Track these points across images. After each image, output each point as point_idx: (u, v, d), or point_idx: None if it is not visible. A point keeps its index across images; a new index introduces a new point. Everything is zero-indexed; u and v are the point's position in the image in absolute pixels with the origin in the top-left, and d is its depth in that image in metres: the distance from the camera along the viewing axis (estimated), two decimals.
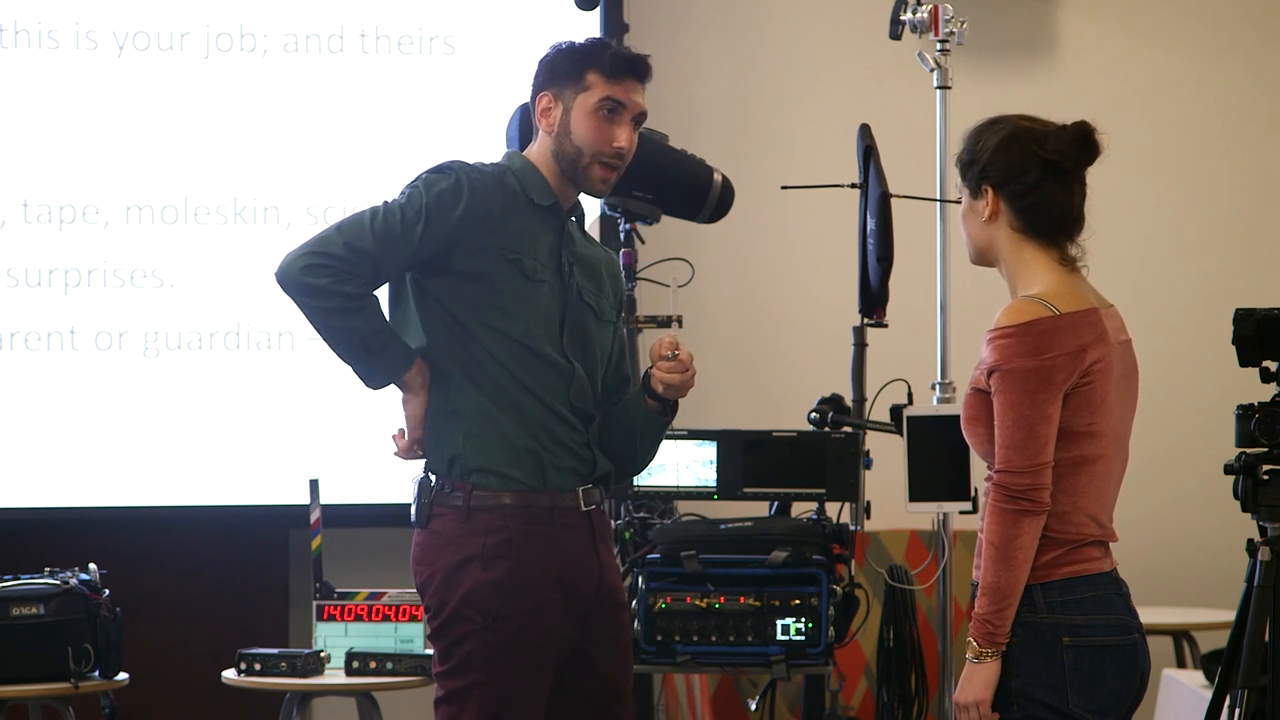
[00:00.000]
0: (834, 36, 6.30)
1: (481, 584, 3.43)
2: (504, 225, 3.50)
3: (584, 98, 3.53)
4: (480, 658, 3.42)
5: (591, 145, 3.53)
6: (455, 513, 3.47)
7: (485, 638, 3.42)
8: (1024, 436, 3.12)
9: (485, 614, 3.42)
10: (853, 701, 5.56)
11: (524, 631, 3.43)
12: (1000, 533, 3.13)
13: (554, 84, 3.56)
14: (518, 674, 3.43)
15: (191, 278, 5.70)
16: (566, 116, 3.54)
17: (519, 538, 3.44)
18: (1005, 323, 3.16)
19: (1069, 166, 3.23)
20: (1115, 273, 4.57)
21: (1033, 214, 3.23)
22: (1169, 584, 6.15)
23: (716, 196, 4.66)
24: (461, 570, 3.44)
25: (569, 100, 3.53)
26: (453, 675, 3.45)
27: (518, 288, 3.49)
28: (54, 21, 5.70)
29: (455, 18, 5.83)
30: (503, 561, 3.43)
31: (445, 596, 3.45)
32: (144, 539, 5.79)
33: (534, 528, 3.46)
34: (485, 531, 3.44)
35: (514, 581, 3.43)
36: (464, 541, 3.45)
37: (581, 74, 3.53)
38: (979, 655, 3.17)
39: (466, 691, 3.43)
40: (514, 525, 3.45)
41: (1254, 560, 3.70)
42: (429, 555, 3.49)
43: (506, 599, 3.42)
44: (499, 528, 3.45)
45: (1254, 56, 6.42)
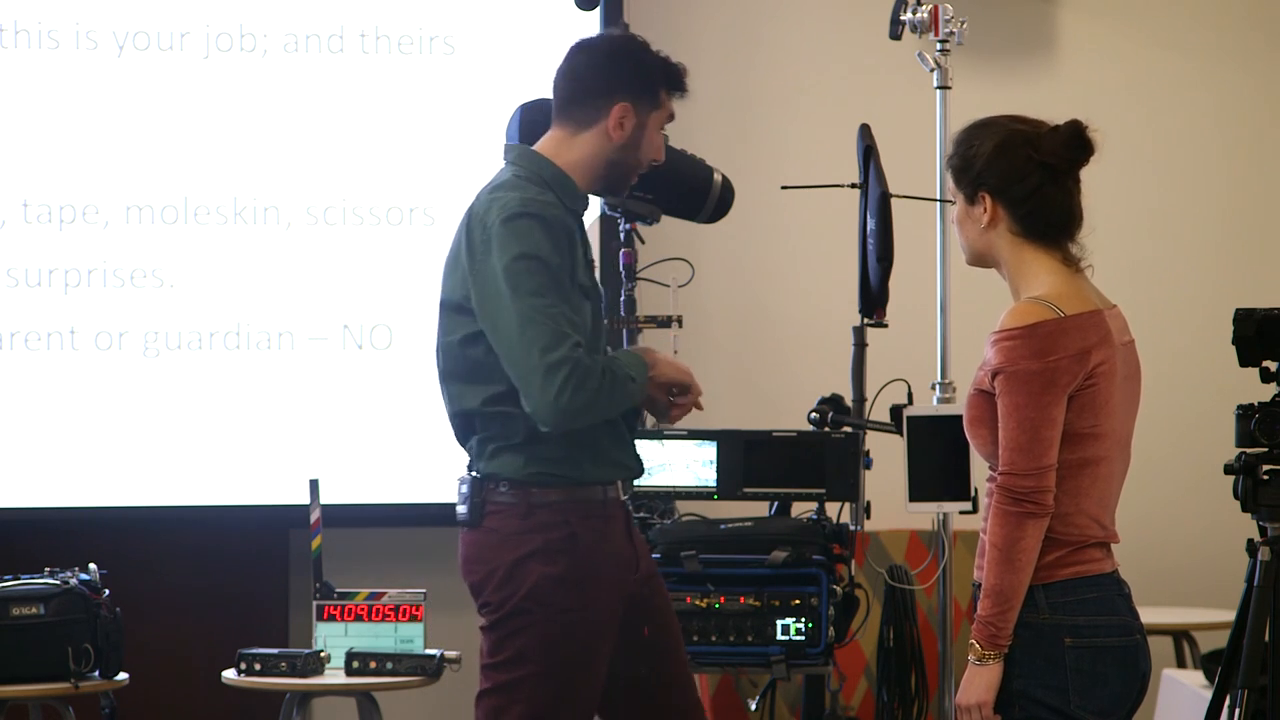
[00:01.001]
0: (834, 36, 6.30)
1: (545, 578, 3.47)
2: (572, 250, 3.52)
3: (656, 115, 3.63)
4: (539, 650, 3.47)
5: (648, 159, 3.64)
6: (512, 509, 3.52)
7: (546, 630, 3.47)
8: (1028, 439, 3.12)
9: (547, 607, 3.46)
10: (853, 701, 5.56)
11: (582, 625, 3.49)
12: (1004, 535, 3.13)
13: (632, 96, 3.60)
14: (574, 666, 3.49)
15: (191, 278, 5.70)
16: (640, 131, 3.60)
17: (580, 532, 3.50)
18: (1010, 325, 3.16)
19: (1064, 167, 3.22)
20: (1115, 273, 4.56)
21: (1032, 218, 3.23)
22: (1169, 584, 6.15)
23: (716, 196, 4.66)
24: (523, 566, 3.48)
25: (644, 115, 3.61)
26: (505, 667, 3.49)
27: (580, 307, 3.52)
28: (54, 21, 5.69)
29: (455, 18, 5.82)
30: (564, 556, 3.48)
31: (507, 592, 3.49)
32: (144, 539, 5.79)
33: (590, 522, 3.51)
34: (545, 528, 3.49)
35: (575, 575, 3.49)
36: (524, 538, 3.50)
37: (657, 92, 3.63)
38: (981, 658, 3.16)
39: (519, 683, 3.48)
40: (573, 520, 3.50)
41: (1254, 560, 3.70)
42: (485, 553, 3.55)
43: (569, 593, 3.48)
44: (559, 523, 3.50)
45: (1254, 57, 6.42)
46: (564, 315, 3.42)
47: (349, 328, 5.74)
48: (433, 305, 5.75)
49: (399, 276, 5.75)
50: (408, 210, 5.78)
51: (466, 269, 3.51)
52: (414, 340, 5.74)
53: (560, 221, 3.49)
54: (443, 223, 5.77)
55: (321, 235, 5.74)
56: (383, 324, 5.75)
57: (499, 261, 3.43)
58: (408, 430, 5.72)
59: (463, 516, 3.62)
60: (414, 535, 5.99)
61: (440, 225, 5.77)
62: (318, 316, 5.73)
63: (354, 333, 5.74)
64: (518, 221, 3.45)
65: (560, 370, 3.37)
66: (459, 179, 5.77)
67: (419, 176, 5.78)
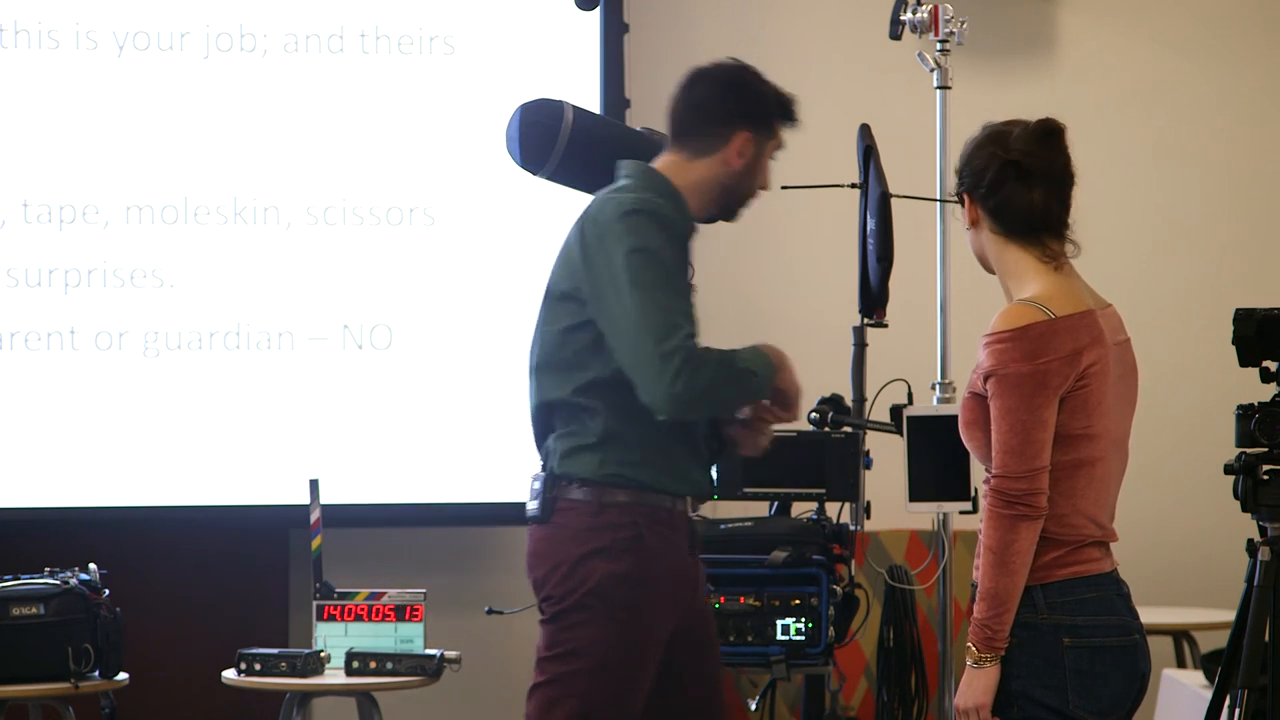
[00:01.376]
0: (834, 36, 6.30)
1: (609, 575, 3.50)
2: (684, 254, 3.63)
3: (770, 145, 3.70)
4: (596, 645, 3.50)
5: (759, 188, 3.73)
6: (583, 507, 3.55)
7: (604, 627, 3.50)
8: (1020, 441, 3.12)
9: (607, 604, 3.50)
10: (853, 701, 5.56)
11: (640, 625, 3.52)
12: (998, 538, 3.13)
13: (753, 126, 3.66)
14: (628, 665, 3.52)
15: (191, 278, 5.70)
16: (757, 161, 3.67)
17: (647, 535, 3.53)
18: (1000, 327, 3.16)
19: (1030, 164, 3.23)
20: (1115, 273, 4.58)
21: (999, 214, 3.25)
22: (1169, 584, 6.15)
23: None
24: (588, 561, 3.52)
25: (761, 145, 3.67)
26: (561, 660, 3.53)
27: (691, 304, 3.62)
28: (54, 21, 5.69)
29: (455, 18, 5.82)
30: (629, 555, 3.52)
31: (569, 586, 3.53)
32: (144, 539, 5.79)
33: (656, 528, 3.54)
34: (613, 527, 3.53)
35: (638, 575, 3.52)
36: (591, 535, 3.53)
37: (773, 124, 3.69)
38: (978, 660, 3.17)
39: (573, 677, 3.51)
40: (641, 523, 3.53)
41: (1254, 560, 3.70)
42: (552, 548, 3.58)
43: (630, 592, 3.51)
44: (627, 524, 3.53)
45: (1254, 56, 6.42)
46: (678, 308, 3.50)
47: (349, 328, 5.74)
48: (432, 305, 5.78)
49: (399, 276, 5.75)
50: (408, 210, 5.78)
51: (579, 261, 3.56)
52: (414, 340, 5.74)
53: (675, 223, 3.58)
54: (443, 223, 5.77)
55: (321, 235, 5.74)
56: (383, 324, 5.75)
57: (616, 254, 3.50)
58: (408, 430, 5.72)
59: (533, 513, 3.65)
60: (414, 535, 5.99)
61: (440, 225, 5.77)
62: (318, 316, 5.73)
63: (354, 333, 5.74)
64: (635, 217, 3.52)
65: (674, 358, 3.43)
66: (459, 179, 5.78)
67: (419, 176, 5.77)
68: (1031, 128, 3.25)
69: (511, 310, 5.76)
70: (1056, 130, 3.25)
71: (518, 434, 5.72)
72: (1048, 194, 3.23)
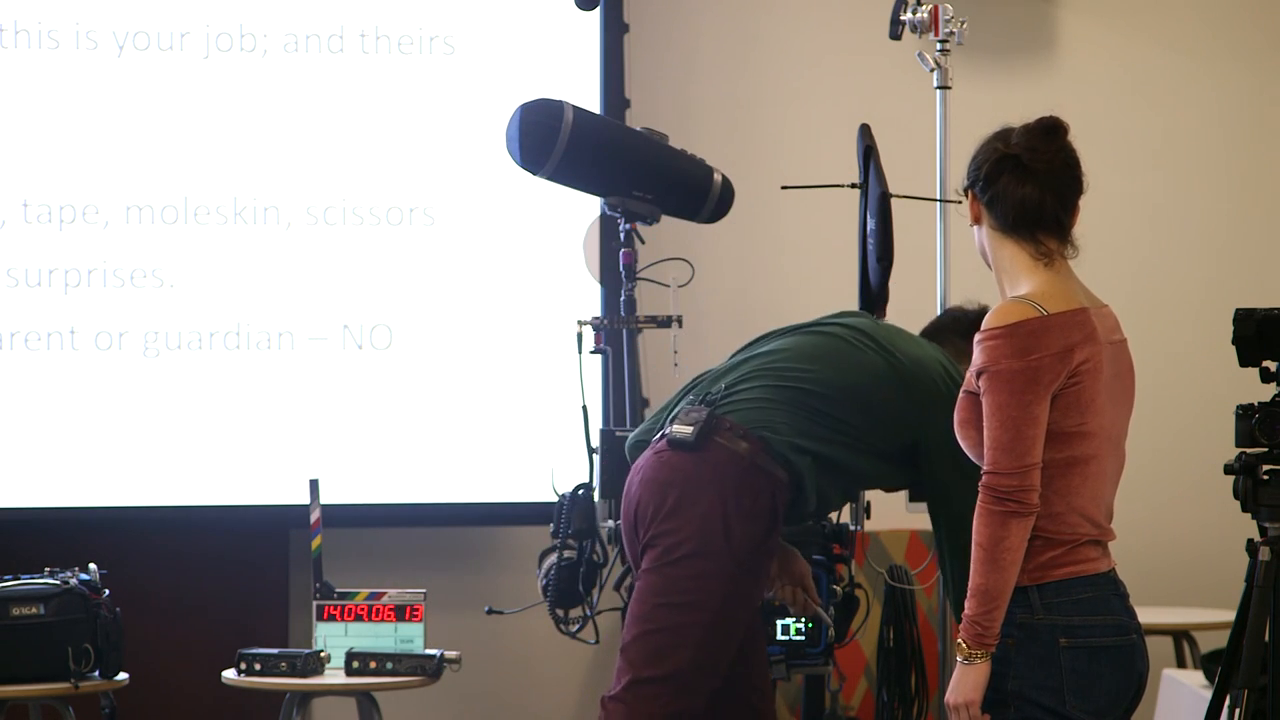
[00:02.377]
0: (834, 36, 6.30)
1: (746, 535, 3.63)
2: None
3: None
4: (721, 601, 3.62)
5: None
6: (737, 456, 3.66)
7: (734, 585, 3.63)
8: (1011, 438, 3.13)
9: (740, 564, 3.62)
10: (853, 701, 5.56)
11: (757, 590, 3.70)
12: (988, 534, 3.14)
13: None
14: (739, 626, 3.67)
15: (191, 278, 5.70)
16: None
17: (777, 507, 3.67)
18: (993, 324, 3.17)
19: (1028, 158, 3.23)
20: (1115, 272, 4.58)
21: (994, 208, 3.26)
22: (1169, 584, 6.15)
23: (716, 196, 4.66)
24: (727, 510, 3.62)
25: None
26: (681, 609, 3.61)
27: None
28: (54, 21, 5.69)
29: (455, 18, 5.82)
30: (765, 520, 3.65)
31: (707, 531, 3.61)
32: (144, 539, 5.79)
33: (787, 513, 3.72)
34: (758, 491, 3.65)
35: (768, 543, 3.67)
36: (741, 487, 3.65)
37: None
38: (969, 656, 3.17)
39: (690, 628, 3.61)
40: (778, 495, 3.67)
41: (1254, 560, 3.69)
42: (688, 478, 3.65)
43: (759, 560, 3.65)
44: (768, 490, 3.65)
45: (1254, 56, 6.42)
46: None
47: (349, 328, 5.74)
48: (432, 305, 5.78)
49: (399, 276, 5.75)
50: (408, 210, 5.77)
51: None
52: (414, 340, 5.74)
53: None
54: (443, 223, 5.77)
55: (321, 235, 5.74)
56: (383, 324, 5.75)
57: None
58: (408, 430, 5.72)
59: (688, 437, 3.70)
60: (414, 535, 5.99)
61: (440, 225, 5.77)
62: (318, 316, 5.73)
63: (354, 333, 5.74)
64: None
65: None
66: (459, 179, 5.78)
67: (419, 176, 5.77)
68: (1033, 124, 3.26)
69: (511, 310, 5.77)
70: (1058, 127, 3.25)
71: (518, 434, 5.75)
72: (1043, 190, 3.24)
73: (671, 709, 3.62)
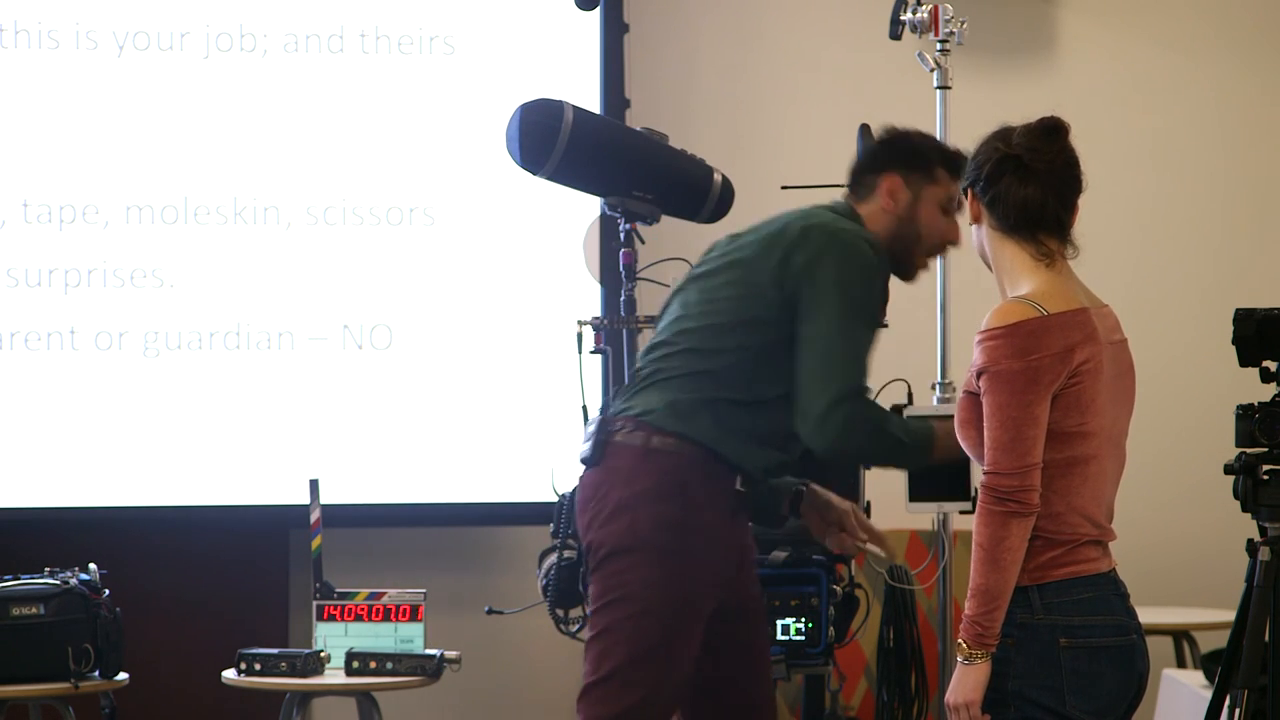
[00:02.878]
0: (834, 36, 6.30)
1: (653, 517, 3.59)
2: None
3: (931, 190, 3.77)
4: (643, 588, 3.57)
5: (934, 236, 3.79)
6: (632, 450, 3.63)
7: (651, 570, 3.58)
8: (1011, 438, 3.13)
9: (654, 547, 3.58)
10: (853, 701, 5.56)
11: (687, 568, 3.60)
12: (988, 534, 3.14)
13: (906, 168, 3.77)
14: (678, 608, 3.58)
15: (191, 278, 5.70)
16: (915, 204, 3.76)
17: (690, 482, 3.62)
18: (993, 324, 3.17)
19: (1030, 159, 3.23)
20: (1114, 272, 4.58)
21: (995, 208, 3.25)
22: (1169, 584, 6.15)
23: (716, 196, 4.65)
24: (633, 504, 3.60)
25: (918, 188, 3.76)
26: (612, 607, 3.59)
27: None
28: (54, 21, 5.69)
29: (455, 18, 5.82)
30: (675, 499, 3.60)
31: (613, 528, 3.60)
32: (144, 539, 5.79)
33: (709, 481, 3.64)
34: (660, 471, 3.61)
35: (685, 520, 3.60)
36: (637, 477, 3.62)
37: (931, 167, 3.77)
38: (969, 656, 3.17)
39: (624, 622, 3.57)
40: (686, 471, 3.62)
41: (1254, 560, 3.70)
42: (599, 491, 3.65)
43: (674, 535, 3.58)
44: (671, 469, 3.62)
45: (1254, 56, 6.42)
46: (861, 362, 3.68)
47: (349, 328, 5.74)
48: (432, 305, 5.78)
49: (399, 276, 5.75)
50: (408, 210, 5.78)
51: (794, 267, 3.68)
52: (414, 340, 5.74)
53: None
54: (443, 223, 5.77)
55: (321, 235, 5.74)
56: (383, 324, 5.75)
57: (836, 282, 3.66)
58: (408, 430, 5.72)
59: (585, 455, 3.73)
60: (414, 535, 5.99)
61: (440, 225, 5.77)
62: (318, 316, 5.73)
63: (354, 333, 5.74)
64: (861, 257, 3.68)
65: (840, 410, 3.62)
66: (459, 179, 5.78)
67: (419, 176, 5.77)
68: (1034, 124, 3.26)
69: (511, 310, 5.77)
70: (1060, 128, 3.25)
71: (518, 434, 5.75)
72: (1045, 190, 3.23)
73: (614, 710, 3.60)
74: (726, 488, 3.69)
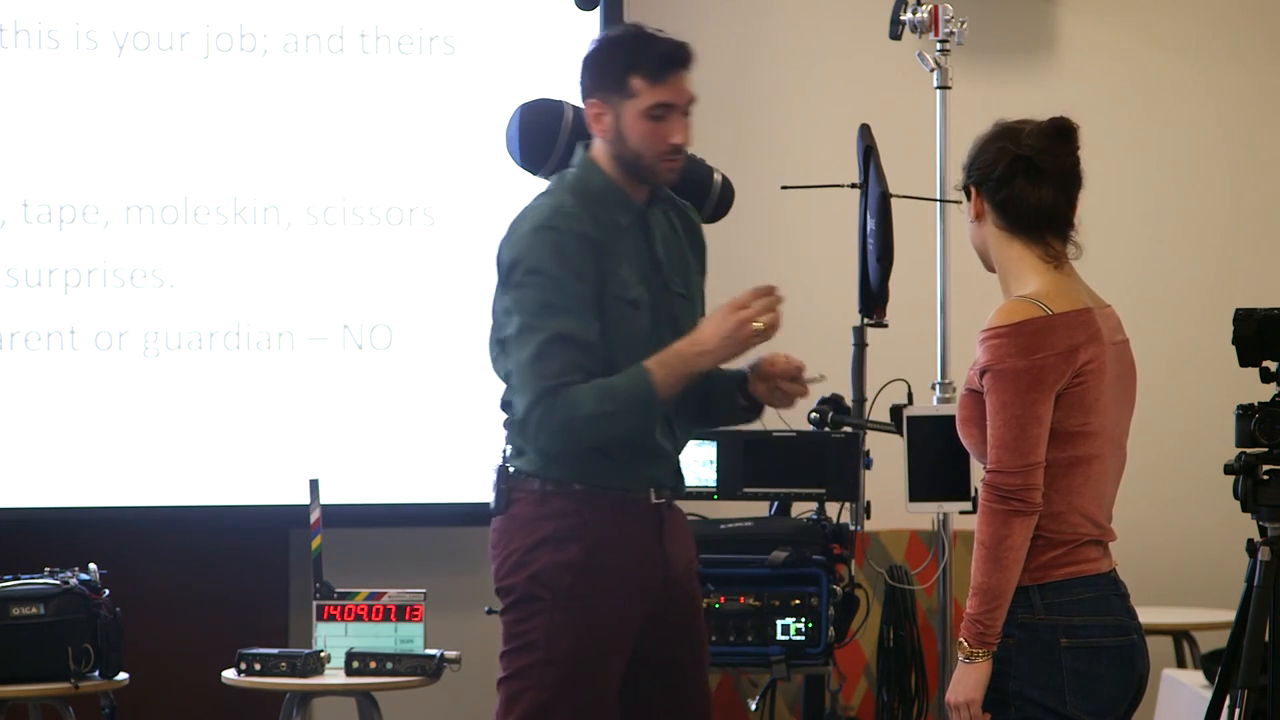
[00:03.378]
0: (834, 36, 6.30)
1: (554, 564, 3.49)
2: (613, 265, 3.55)
3: (631, 104, 3.57)
4: (546, 636, 3.49)
5: (650, 149, 3.57)
6: (531, 496, 3.53)
7: (554, 616, 3.48)
8: (1015, 436, 3.13)
9: (555, 592, 3.48)
10: (853, 701, 5.56)
11: (592, 612, 3.50)
12: (991, 533, 3.14)
13: (600, 90, 3.59)
14: (584, 654, 3.50)
15: (191, 278, 5.70)
16: (619, 123, 3.58)
17: (592, 521, 3.51)
18: (997, 323, 3.17)
19: (1041, 160, 3.22)
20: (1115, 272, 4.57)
21: (1005, 209, 3.24)
22: (1169, 584, 6.15)
23: (716, 196, 4.65)
24: (535, 551, 3.50)
25: (618, 106, 3.58)
26: (518, 654, 3.52)
27: (624, 322, 3.54)
28: (54, 21, 5.69)
29: (455, 18, 5.82)
30: (575, 543, 3.50)
31: (518, 577, 3.51)
32: (144, 539, 5.78)
33: (606, 514, 3.52)
34: (559, 515, 3.51)
35: (586, 562, 3.50)
36: (538, 524, 3.51)
37: (625, 80, 3.57)
38: (970, 655, 3.17)
39: (530, 669, 3.49)
40: (586, 510, 3.52)
41: (1254, 560, 3.70)
42: (505, 538, 3.56)
43: (577, 579, 3.49)
44: (572, 511, 3.51)
45: (1254, 56, 6.42)
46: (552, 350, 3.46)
47: (349, 328, 5.74)
48: (432, 305, 5.78)
49: (399, 276, 5.75)
50: (408, 210, 5.77)
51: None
52: (414, 340, 5.74)
53: (579, 234, 3.54)
54: (443, 223, 5.77)
55: (321, 235, 5.74)
56: (383, 324, 5.75)
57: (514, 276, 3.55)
58: (408, 430, 5.72)
59: (491, 504, 3.62)
60: (414, 535, 5.99)
61: (440, 225, 5.77)
62: (318, 316, 5.73)
63: (354, 333, 5.74)
64: (537, 234, 3.57)
65: (534, 411, 3.47)
66: (459, 179, 5.78)
67: (419, 176, 5.77)
68: (1044, 125, 3.24)
69: None
70: (1070, 129, 3.24)
71: None
72: (1056, 192, 3.23)
73: None
74: (635, 511, 3.57)
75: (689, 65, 3.62)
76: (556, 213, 3.56)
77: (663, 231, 3.66)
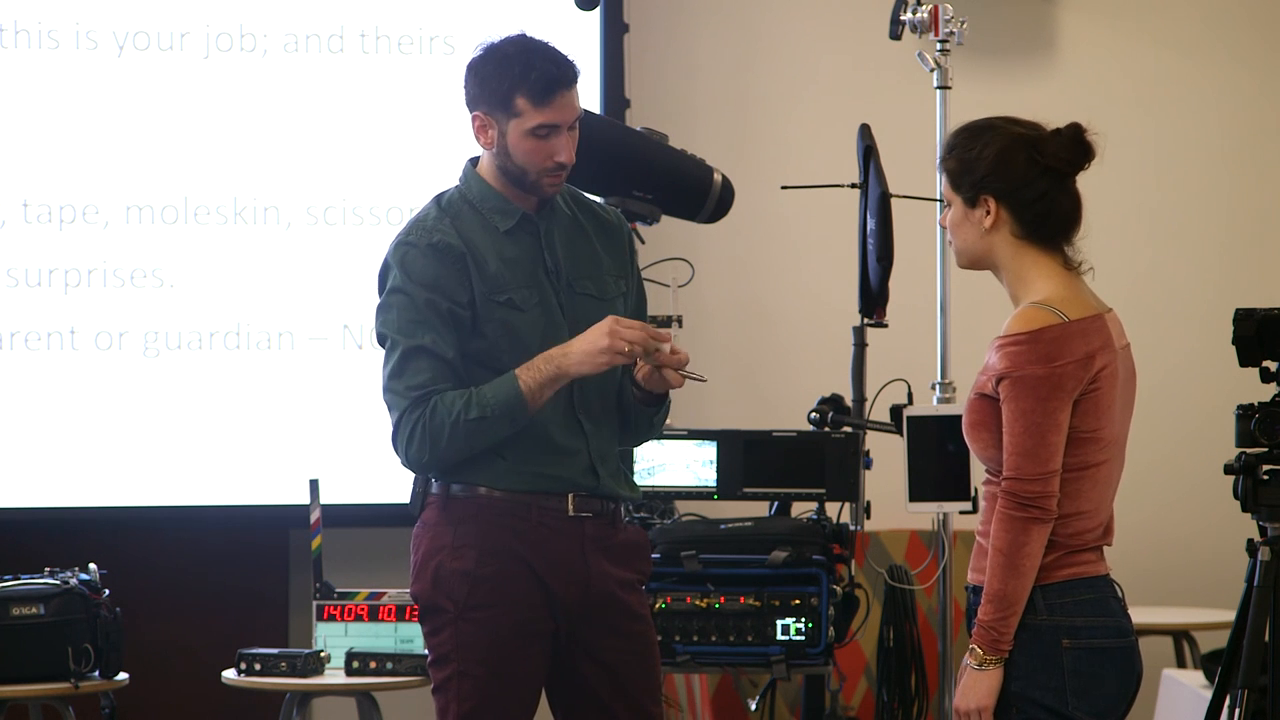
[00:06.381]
0: (834, 36, 6.30)
1: (451, 572, 3.44)
2: (483, 268, 3.49)
3: (516, 123, 3.55)
4: (456, 648, 3.44)
5: (534, 165, 3.53)
6: (436, 500, 3.49)
7: (459, 627, 3.43)
8: (1035, 444, 3.11)
9: (456, 603, 3.43)
10: (853, 701, 5.56)
11: (496, 622, 3.43)
12: (1008, 540, 3.12)
13: (484, 104, 3.59)
14: (495, 664, 3.43)
15: (191, 278, 5.70)
16: (503, 139, 3.55)
17: (490, 527, 3.44)
18: (1015, 330, 3.15)
19: (1067, 170, 3.22)
20: (1115, 273, 4.58)
21: (1038, 222, 3.21)
22: (1169, 584, 6.15)
23: (716, 196, 4.66)
24: (435, 557, 3.46)
25: (503, 123, 3.56)
26: (436, 666, 3.48)
27: (508, 324, 3.47)
28: (54, 21, 5.70)
29: (455, 18, 5.83)
30: (472, 550, 3.43)
31: (423, 585, 3.48)
32: (144, 539, 5.79)
33: (507, 520, 3.44)
34: (458, 520, 3.45)
35: (482, 571, 3.43)
36: (440, 530, 3.47)
37: (509, 99, 3.56)
38: (982, 662, 3.16)
39: (448, 682, 3.45)
40: (487, 515, 3.44)
41: (1254, 560, 3.70)
42: (415, 544, 3.52)
43: (475, 588, 3.43)
44: (470, 517, 3.44)
45: (1254, 56, 6.42)
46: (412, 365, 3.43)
47: (349, 328, 5.75)
48: None
49: None
50: (407, 210, 5.75)
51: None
52: None
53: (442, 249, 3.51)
54: None
55: (321, 235, 5.75)
56: None
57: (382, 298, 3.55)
58: None
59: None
60: None
61: None
62: (318, 316, 5.73)
63: (354, 333, 5.74)
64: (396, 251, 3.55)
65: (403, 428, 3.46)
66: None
67: (419, 176, 5.77)
68: (1065, 134, 3.21)
69: None
70: (1089, 140, 3.23)
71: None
72: (1076, 201, 3.23)
73: None
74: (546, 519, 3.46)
75: (574, 83, 3.59)
76: (414, 227, 3.55)
77: (565, 234, 3.58)
